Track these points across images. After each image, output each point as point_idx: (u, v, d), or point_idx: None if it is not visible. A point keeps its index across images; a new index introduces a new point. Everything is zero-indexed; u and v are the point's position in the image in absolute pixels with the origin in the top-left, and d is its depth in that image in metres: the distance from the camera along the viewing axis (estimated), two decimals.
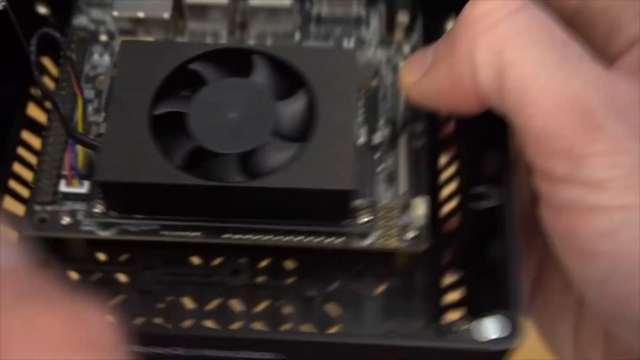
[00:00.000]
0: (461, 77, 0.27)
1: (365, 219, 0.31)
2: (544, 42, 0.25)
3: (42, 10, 0.36)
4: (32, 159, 0.35)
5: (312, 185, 0.28)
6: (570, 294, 0.30)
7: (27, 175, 0.34)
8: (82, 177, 0.32)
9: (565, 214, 0.25)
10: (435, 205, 0.34)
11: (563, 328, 0.31)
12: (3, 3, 0.32)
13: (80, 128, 0.32)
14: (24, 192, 0.34)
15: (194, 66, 0.31)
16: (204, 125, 0.29)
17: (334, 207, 0.29)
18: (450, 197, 0.34)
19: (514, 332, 0.25)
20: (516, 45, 0.25)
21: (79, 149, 0.32)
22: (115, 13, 0.34)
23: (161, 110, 0.30)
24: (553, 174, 0.25)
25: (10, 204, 0.34)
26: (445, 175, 0.35)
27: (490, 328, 0.25)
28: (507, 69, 0.25)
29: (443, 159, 0.36)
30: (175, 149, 0.29)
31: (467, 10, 0.26)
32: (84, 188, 0.32)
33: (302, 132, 0.30)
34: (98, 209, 0.31)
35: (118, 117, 0.29)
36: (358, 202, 0.31)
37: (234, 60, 0.31)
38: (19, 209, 0.34)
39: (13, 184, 0.34)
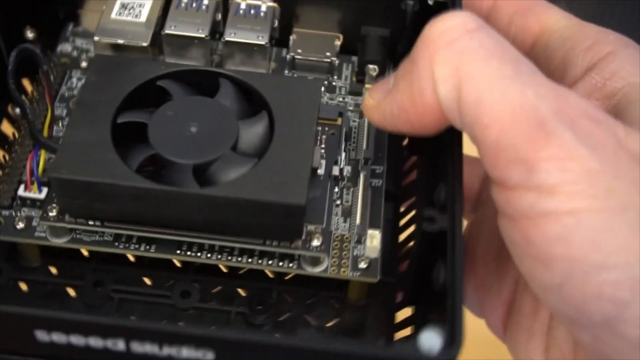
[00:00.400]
0: (421, 92, 0.28)
1: (317, 243, 0.31)
2: (499, 58, 0.26)
3: (30, 34, 0.37)
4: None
5: (263, 197, 0.29)
6: (540, 315, 0.30)
7: None
8: (41, 183, 0.32)
9: (520, 222, 0.25)
10: (390, 240, 0.34)
11: (534, 348, 0.31)
12: None
13: (45, 130, 0.32)
14: None
15: (161, 83, 0.32)
16: (163, 135, 0.30)
17: (284, 222, 0.29)
18: (405, 228, 0.34)
19: (450, 344, 0.25)
20: (473, 59, 0.26)
21: (41, 156, 0.32)
22: (96, 38, 0.36)
23: (124, 119, 0.31)
24: (508, 182, 0.26)
25: None
26: (402, 209, 0.35)
27: (429, 340, 0.25)
28: (464, 82, 0.26)
29: (401, 201, 0.37)
30: (133, 156, 0.30)
31: (427, 29, 0.27)
32: (41, 194, 0.32)
33: (260, 151, 0.31)
34: (53, 212, 0.31)
35: (80, 120, 0.30)
36: (311, 228, 0.32)
37: (202, 81, 0.32)
38: None
39: None
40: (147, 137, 0.30)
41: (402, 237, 0.36)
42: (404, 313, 0.33)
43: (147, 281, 0.34)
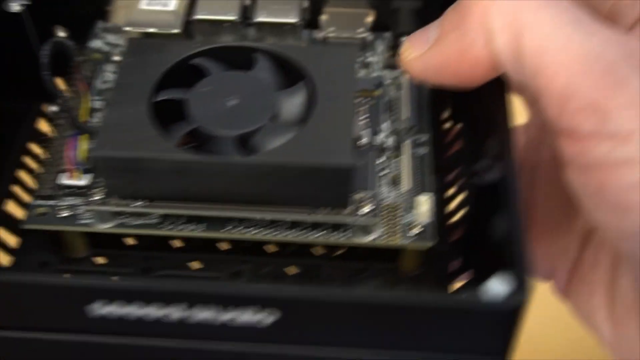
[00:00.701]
0: (472, 45, 0.27)
1: (368, 210, 0.30)
2: (556, 5, 0.26)
3: (61, 33, 0.37)
4: (36, 166, 0.35)
5: (309, 161, 0.28)
6: (602, 269, 0.30)
7: (30, 182, 0.34)
8: (82, 170, 0.31)
9: (595, 172, 0.25)
10: (438, 211, 0.33)
11: (597, 303, 0.30)
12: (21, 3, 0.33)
13: (83, 120, 0.32)
14: (26, 198, 0.34)
15: (196, 61, 0.31)
16: (202, 109, 0.30)
17: (332, 188, 0.29)
18: (452, 198, 0.34)
19: (520, 289, 0.24)
20: (531, 8, 0.26)
21: (82, 143, 0.32)
22: (127, 28, 0.35)
23: (162, 96, 0.30)
24: (580, 131, 0.25)
25: (12, 208, 0.34)
26: (452, 180, 0.35)
27: (494, 287, 0.24)
28: (524, 32, 0.26)
29: (447, 173, 0.36)
30: (174, 132, 0.29)
31: None
32: (84, 181, 0.32)
33: (301, 121, 0.30)
34: (98, 196, 0.30)
35: (119, 101, 0.30)
36: (359, 195, 0.31)
37: (236, 58, 0.32)
38: (21, 213, 0.34)
39: (16, 189, 0.34)
40: (186, 113, 0.30)
41: (451, 207, 0.35)
42: (460, 283, 0.33)
43: (195, 265, 0.33)
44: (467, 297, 0.24)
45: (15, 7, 0.33)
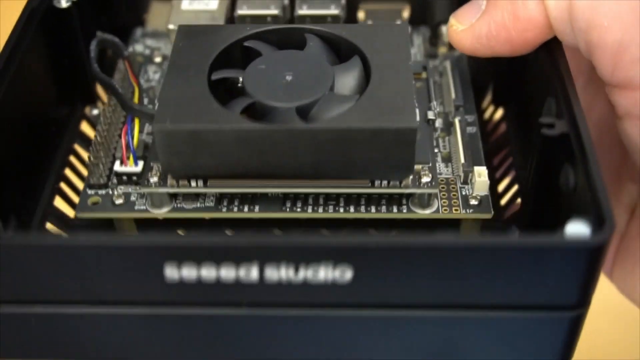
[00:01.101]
0: (525, 6, 0.28)
1: (427, 180, 0.30)
2: None
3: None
4: (80, 166, 0.35)
5: (374, 124, 0.28)
6: None
7: (76, 180, 0.34)
8: (137, 157, 0.31)
9: None
10: (492, 190, 0.33)
11: None
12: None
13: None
14: (74, 198, 0.34)
15: (249, 43, 0.32)
16: (260, 84, 0.30)
17: (396, 154, 0.28)
18: (502, 178, 0.34)
19: (600, 226, 0.23)
20: None
21: (135, 129, 0.32)
22: (170, 26, 0.36)
23: (218, 75, 0.30)
24: (636, 82, 0.25)
25: (60, 203, 0.33)
26: (500, 162, 0.35)
27: (577, 228, 0.24)
28: None
29: (494, 156, 0.36)
30: (233, 107, 0.29)
31: None
32: (138, 167, 0.31)
33: (360, 91, 0.30)
34: (154, 178, 0.30)
35: (175, 80, 0.30)
36: (418, 167, 0.31)
37: (287, 40, 0.32)
38: (69, 210, 0.33)
39: (63, 186, 0.34)
40: (244, 88, 0.30)
41: (501, 186, 0.35)
42: None
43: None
44: (551, 237, 0.24)
45: (64, 3, 0.33)
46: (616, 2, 0.26)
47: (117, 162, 0.31)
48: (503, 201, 0.34)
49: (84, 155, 0.35)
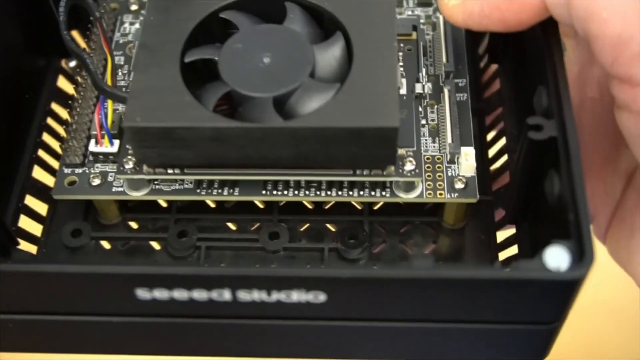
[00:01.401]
0: None
1: (411, 167, 0.29)
2: None
3: None
4: (60, 130, 0.33)
5: (353, 123, 0.27)
6: None
7: (56, 145, 0.33)
8: (112, 135, 0.30)
9: None
10: (479, 156, 0.32)
11: (637, 247, 0.29)
12: None
13: (108, 80, 0.30)
14: (54, 163, 0.33)
15: (225, 14, 0.30)
16: (236, 69, 0.28)
17: (376, 149, 0.27)
18: (494, 142, 0.33)
19: (580, 259, 0.23)
20: None
21: (109, 108, 0.30)
22: None
23: (191, 57, 0.29)
24: (634, 78, 0.24)
25: (39, 173, 0.33)
26: (492, 123, 0.33)
27: (555, 256, 0.23)
28: None
29: (486, 114, 0.35)
30: (208, 95, 0.28)
31: None
32: (113, 147, 0.30)
33: (341, 75, 0.28)
34: (129, 164, 0.29)
35: (146, 64, 0.28)
36: (402, 152, 0.30)
37: (266, 9, 0.30)
38: (48, 179, 0.32)
39: (42, 154, 0.33)
40: (219, 73, 0.28)
41: (492, 152, 0.34)
42: (505, 233, 0.32)
43: (232, 226, 0.32)
44: (525, 269, 0.23)
45: None
46: None
47: (92, 142, 0.30)
48: (493, 167, 0.34)
49: (63, 113, 0.34)
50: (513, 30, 0.28)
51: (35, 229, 0.32)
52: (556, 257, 0.23)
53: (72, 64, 0.35)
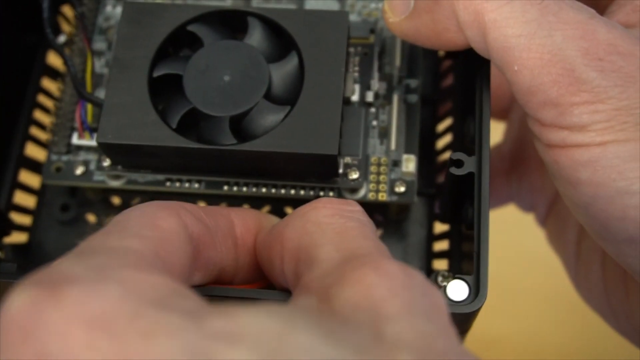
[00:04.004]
0: (446, 29, 0.28)
1: (355, 176, 0.33)
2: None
3: None
4: (51, 105, 0.37)
5: (297, 149, 0.30)
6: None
7: (48, 121, 0.37)
8: (92, 130, 0.34)
9: (553, 149, 0.27)
10: (428, 158, 0.36)
11: (569, 240, 0.34)
12: None
13: (88, 83, 0.34)
14: (45, 138, 0.37)
15: (191, 28, 0.32)
16: (198, 87, 0.31)
17: (321, 168, 0.31)
18: (441, 152, 0.36)
19: (475, 296, 0.27)
20: (495, 5, 0.27)
21: (89, 105, 0.34)
22: None
23: (159, 72, 0.32)
24: (541, 120, 0.27)
25: (32, 150, 0.37)
26: (440, 130, 0.36)
27: (456, 289, 0.27)
28: (489, 30, 0.27)
29: (439, 114, 0.38)
30: (172, 110, 0.31)
31: None
32: (94, 141, 0.34)
33: (293, 95, 0.31)
34: (106, 162, 0.33)
35: (118, 80, 0.31)
36: (348, 160, 0.33)
37: (231, 22, 0.33)
38: (41, 154, 0.37)
39: (34, 131, 0.37)
40: (183, 90, 0.31)
41: (440, 144, 0.37)
42: (441, 227, 0.36)
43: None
44: None
45: None
46: (526, 48, 0.26)
47: (75, 134, 0.34)
48: (440, 157, 0.37)
49: (54, 88, 0.37)
50: (452, 50, 0.30)
51: (30, 202, 0.37)
52: (456, 291, 0.27)
53: (62, 39, 0.38)
